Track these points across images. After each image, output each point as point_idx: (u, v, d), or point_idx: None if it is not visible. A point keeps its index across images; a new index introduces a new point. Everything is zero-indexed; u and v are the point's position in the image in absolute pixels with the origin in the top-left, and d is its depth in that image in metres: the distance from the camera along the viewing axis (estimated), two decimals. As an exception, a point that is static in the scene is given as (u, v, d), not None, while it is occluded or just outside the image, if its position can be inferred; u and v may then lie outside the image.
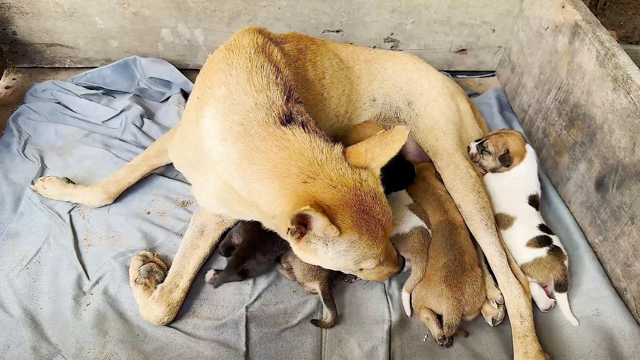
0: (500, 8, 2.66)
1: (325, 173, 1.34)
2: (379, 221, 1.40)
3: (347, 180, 1.35)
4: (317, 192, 1.32)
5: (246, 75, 1.50)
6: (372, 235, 1.40)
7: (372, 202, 1.38)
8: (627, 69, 1.77)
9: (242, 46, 1.61)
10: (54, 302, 1.74)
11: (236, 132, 1.44)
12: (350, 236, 1.37)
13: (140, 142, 2.36)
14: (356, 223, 1.35)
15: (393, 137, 1.41)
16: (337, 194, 1.33)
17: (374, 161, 1.41)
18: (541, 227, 1.87)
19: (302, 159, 1.35)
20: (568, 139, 2.12)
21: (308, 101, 1.85)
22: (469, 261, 1.74)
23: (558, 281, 1.74)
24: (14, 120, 2.41)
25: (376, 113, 2.25)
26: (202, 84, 1.63)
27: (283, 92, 1.51)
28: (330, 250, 1.40)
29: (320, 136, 1.42)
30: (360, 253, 1.42)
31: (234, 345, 1.66)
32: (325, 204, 1.31)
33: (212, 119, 1.51)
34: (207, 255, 1.86)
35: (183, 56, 2.79)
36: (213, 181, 1.59)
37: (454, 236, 1.81)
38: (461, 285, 1.67)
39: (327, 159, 1.36)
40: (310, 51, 1.98)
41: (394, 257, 1.64)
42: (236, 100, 1.47)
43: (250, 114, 1.44)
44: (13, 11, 2.55)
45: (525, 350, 1.62)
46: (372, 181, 1.40)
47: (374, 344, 1.68)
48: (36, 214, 2.01)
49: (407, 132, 1.40)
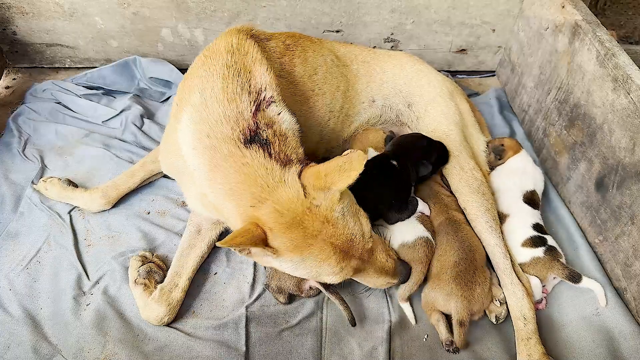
0: (500, 8, 2.66)
1: (274, 198, 1.36)
2: (331, 244, 1.39)
3: (295, 205, 1.36)
4: (262, 216, 1.36)
5: (221, 84, 1.51)
6: (320, 256, 1.39)
7: (322, 226, 1.38)
8: (627, 69, 1.77)
9: (218, 51, 1.61)
10: (54, 302, 1.74)
11: (205, 144, 1.45)
12: (291, 257, 1.39)
13: (140, 142, 2.36)
14: (297, 246, 1.36)
15: (352, 164, 1.38)
16: (281, 219, 1.35)
17: (334, 185, 1.40)
18: (536, 227, 1.87)
19: (255, 184, 1.37)
20: (568, 139, 2.12)
21: (296, 96, 1.86)
22: (479, 260, 1.73)
23: (566, 278, 1.74)
24: (14, 120, 2.42)
25: (376, 114, 2.24)
26: (182, 89, 1.64)
27: (254, 100, 1.50)
28: (280, 264, 1.44)
29: (279, 158, 1.42)
30: (310, 270, 1.43)
31: (234, 345, 1.66)
32: (268, 227, 1.35)
33: (186, 127, 1.51)
34: (205, 254, 1.86)
35: (183, 56, 2.79)
36: (195, 188, 1.60)
37: (459, 232, 1.80)
38: (472, 285, 1.65)
39: (279, 184, 1.38)
40: (300, 47, 1.97)
41: (389, 269, 1.61)
42: (208, 108, 1.48)
43: (217, 126, 1.44)
44: (13, 11, 2.55)
45: (529, 353, 1.61)
46: (325, 206, 1.39)
47: (374, 344, 1.68)
48: (36, 214, 2.02)
49: (364, 160, 1.37)
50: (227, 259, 1.91)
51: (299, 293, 1.75)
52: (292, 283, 1.71)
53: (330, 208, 1.40)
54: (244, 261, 1.91)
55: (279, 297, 1.75)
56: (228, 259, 1.92)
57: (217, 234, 1.89)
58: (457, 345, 1.62)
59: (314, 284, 1.70)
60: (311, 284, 1.71)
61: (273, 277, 1.74)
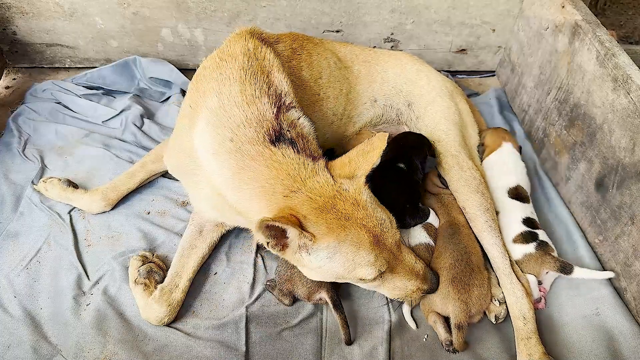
0: (500, 8, 2.66)
1: (307, 187, 1.39)
2: (364, 226, 1.40)
3: (326, 190, 1.39)
4: (295, 205, 1.37)
5: (239, 87, 1.51)
6: (355, 240, 1.39)
7: (353, 208, 1.40)
8: (627, 69, 1.77)
9: (234, 54, 1.61)
10: (54, 302, 1.74)
11: (227, 147, 1.45)
12: (327, 242, 1.38)
13: (140, 142, 2.36)
14: (332, 229, 1.37)
15: (373, 144, 1.46)
16: (314, 204, 1.37)
17: (358, 170, 1.46)
18: (526, 221, 1.87)
19: (288, 177, 1.40)
20: (568, 139, 2.12)
21: (303, 101, 1.86)
22: (476, 262, 1.73)
23: (558, 270, 1.74)
24: (14, 120, 2.42)
25: (378, 114, 2.24)
26: (195, 91, 1.64)
27: (274, 102, 1.51)
28: (314, 258, 1.41)
29: (307, 154, 1.46)
30: (346, 259, 1.41)
31: (234, 345, 1.66)
32: (302, 214, 1.36)
33: (204, 131, 1.51)
34: (205, 255, 1.86)
35: (183, 56, 2.79)
36: (206, 190, 1.60)
37: (456, 235, 1.80)
38: (468, 288, 1.65)
39: (310, 174, 1.41)
40: (306, 51, 1.98)
41: (420, 271, 1.58)
42: (227, 112, 1.48)
43: (240, 129, 1.45)
44: (13, 11, 2.55)
45: (529, 353, 1.61)
46: (353, 189, 1.43)
47: (374, 344, 1.67)
48: (36, 214, 2.02)
49: (386, 138, 1.45)
50: (227, 259, 1.91)
51: (306, 301, 1.74)
52: (304, 291, 1.70)
53: (359, 191, 1.44)
54: (244, 261, 1.91)
55: (284, 299, 1.75)
56: (228, 259, 1.92)
57: (219, 235, 1.89)
58: (456, 347, 1.62)
59: (324, 295, 1.68)
60: (322, 295, 1.69)
61: (287, 281, 1.73)
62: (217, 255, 1.92)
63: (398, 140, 2.04)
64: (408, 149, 1.98)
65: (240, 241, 1.98)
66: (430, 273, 1.63)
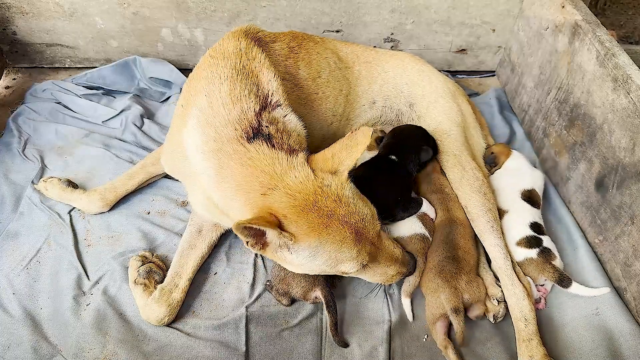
0: (500, 8, 2.66)
1: (284, 183, 1.36)
2: (346, 223, 1.39)
3: (306, 187, 1.37)
4: (274, 203, 1.35)
5: (228, 86, 1.50)
6: (338, 238, 1.38)
7: (335, 205, 1.38)
8: (627, 69, 1.77)
9: (226, 53, 1.61)
10: (54, 302, 1.74)
11: (211, 147, 1.45)
12: (309, 241, 1.37)
13: (140, 142, 2.36)
14: (313, 228, 1.35)
15: (357, 139, 1.42)
16: (294, 201, 1.34)
17: (341, 165, 1.43)
18: (534, 226, 1.87)
19: (263, 173, 1.38)
20: (568, 139, 2.12)
21: (300, 100, 1.86)
22: (462, 255, 1.75)
23: (555, 282, 1.74)
24: (14, 120, 2.42)
25: (376, 116, 2.24)
26: (187, 91, 1.64)
27: (259, 102, 1.51)
28: (296, 257, 1.41)
29: (283, 149, 1.43)
30: (329, 257, 1.40)
31: (234, 345, 1.65)
32: (281, 213, 1.34)
33: (192, 130, 1.51)
34: (205, 255, 1.86)
35: (183, 56, 2.79)
36: (199, 191, 1.60)
37: (451, 233, 1.82)
38: (456, 275, 1.68)
39: (286, 170, 1.38)
40: (304, 49, 1.97)
41: (399, 257, 1.60)
42: (214, 111, 1.48)
43: (223, 129, 1.45)
44: (13, 11, 2.55)
45: (530, 355, 1.60)
46: (335, 185, 1.40)
47: (374, 344, 1.67)
48: (36, 214, 2.02)
49: (370, 133, 1.42)
50: (227, 259, 1.91)
51: (303, 300, 1.75)
52: (299, 291, 1.70)
53: (341, 187, 1.41)
54: (244, 261, 1.91)
55: (282, 299, 1.75)
56: (228, 259, 1.91)
57: (218, 235, 1.89)
58: (457, 339, 1.62)
59: (319, 294, 1.69)
60: (317, 294, 1.70)
61: (281, 281, 1.73)
62: (217, 255, 1.92)
63: (393, 132, 2.06)
64: (400, 140, 1.98)
65: (240, 241, 1.94)
66: (407, 256, 1.65)
